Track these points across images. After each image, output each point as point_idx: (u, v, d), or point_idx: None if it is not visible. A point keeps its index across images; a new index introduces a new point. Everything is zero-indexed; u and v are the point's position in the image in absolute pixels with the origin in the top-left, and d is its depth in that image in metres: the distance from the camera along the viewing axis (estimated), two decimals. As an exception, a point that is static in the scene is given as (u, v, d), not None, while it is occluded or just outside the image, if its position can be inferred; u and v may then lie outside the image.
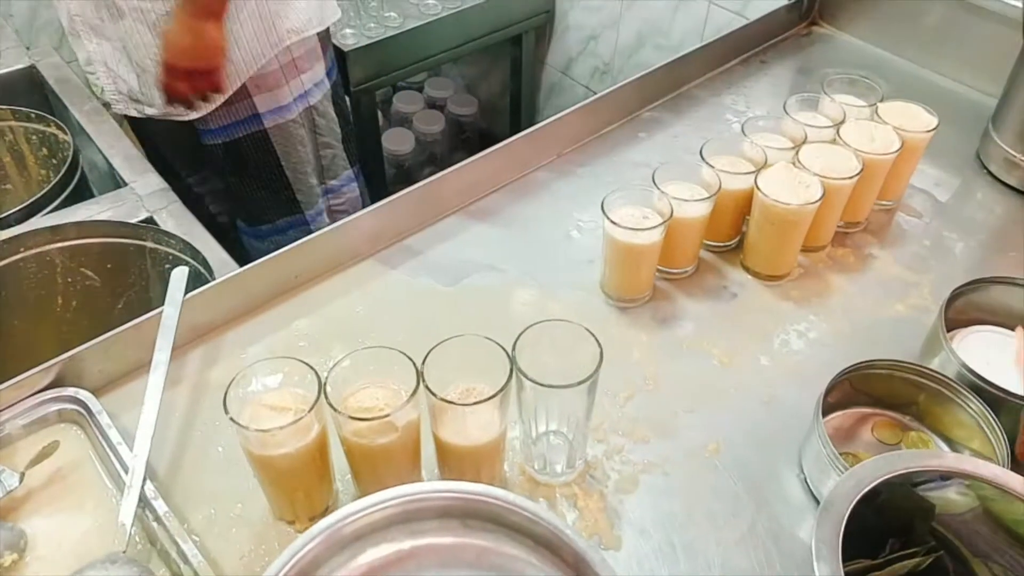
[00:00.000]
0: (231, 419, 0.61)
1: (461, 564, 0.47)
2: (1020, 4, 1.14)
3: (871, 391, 0.80)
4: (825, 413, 0.77)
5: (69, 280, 1.16)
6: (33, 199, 1.16)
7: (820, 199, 0.88)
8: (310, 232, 1.47)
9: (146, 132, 1.39)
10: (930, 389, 0.78)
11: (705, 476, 0.77)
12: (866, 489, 0.57)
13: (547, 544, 0.47)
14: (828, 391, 0.76)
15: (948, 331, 0.81)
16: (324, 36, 1.38)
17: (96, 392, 0.78)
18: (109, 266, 1.16)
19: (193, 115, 1.28)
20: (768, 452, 0.79)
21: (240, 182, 1.40)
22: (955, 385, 0.76)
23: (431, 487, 0.47)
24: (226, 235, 1.37)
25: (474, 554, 0.47)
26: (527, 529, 0.47)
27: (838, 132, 0.96)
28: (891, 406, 0.81)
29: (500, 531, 0.47)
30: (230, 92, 1.25)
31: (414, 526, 0.47)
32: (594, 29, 2.00)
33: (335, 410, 0.62)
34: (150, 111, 1.28)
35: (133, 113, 1.30)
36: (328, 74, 1.41)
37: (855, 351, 0.79)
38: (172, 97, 1.22)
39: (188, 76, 1.20)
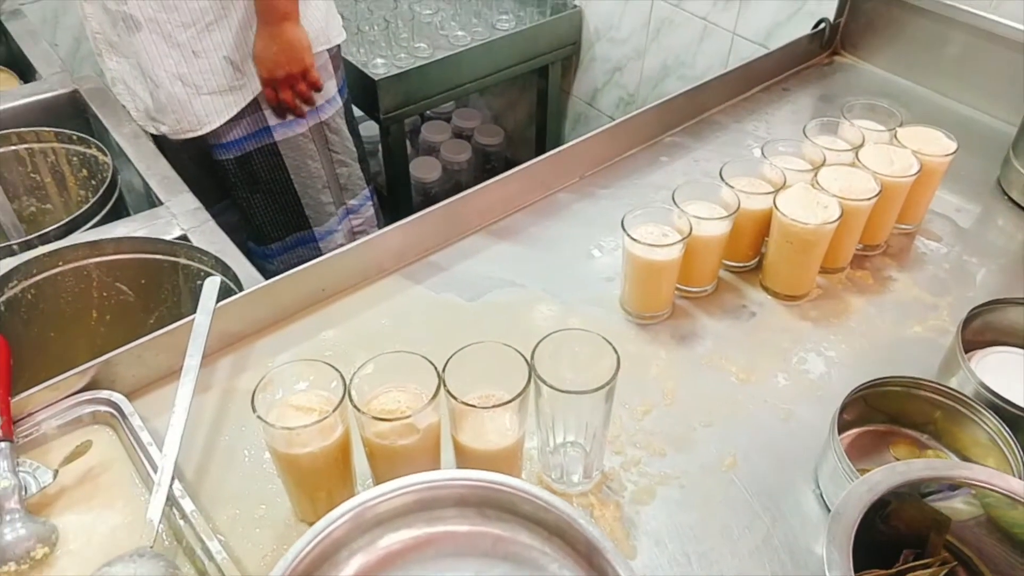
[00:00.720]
0: (258, 417, 0.64)
1: (477, 551, 0.48)
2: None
3: (888, 409, 0.81)
4: (842, 430, 0.77)
5: (104, 294, 1.20)
6: (72, 217, 1.20)
7: (838, 219, 0.89)
8: (319, 248, 1.51)
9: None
10: (947, 407, 0.78)
11: (721, 489, 0.77)
12: (879, 495, 0.57)
13: (560, 534, 0.48)
14: (844, 407, 0.76)
15: (966, 352, 0.81)
16: (335, 55, 1.43)
17: (129, 396, 0.81)
18: (143, 281, 1.19)
19: (201, 132, 1.33)
20: (785, 467, 0.79)
21: (251, 197, 1.44)
22: (972, 403, 0.76)
23: (449, 474, 0.49)
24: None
25: (490, 542, 0.48)
26: (541, 518, 0.48)
27: (857, 155, 0.98)
28: (908, 424, 0.81)
29: (515, 520, 0.49)
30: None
31: (433, 513, 0.49)
32: (619, 61, 2.03)
33: (359, 411, 0.64)
34: (164, 129, 1.34)
35: (151, 130, 1.35)
36: (340, 91, 1.46)
37: (873, 370, 0.80)
38: (281, 110, 1.29)
39: (287, 83, 1.26)
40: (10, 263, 1.09)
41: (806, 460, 0.79)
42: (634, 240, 0.87)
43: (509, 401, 0.65)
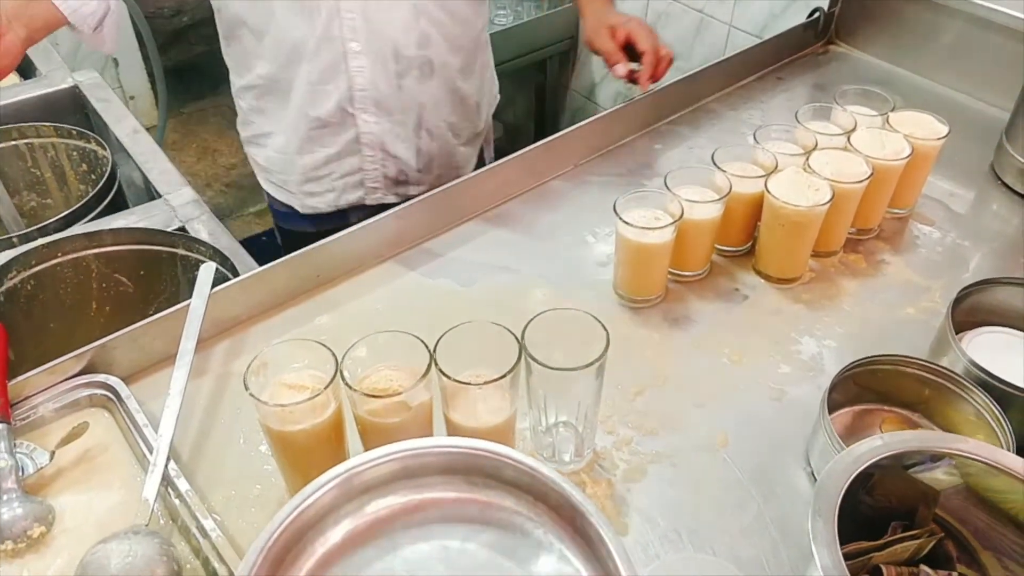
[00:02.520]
0: (251, 394, 0.64)
1: (464, 518, 0.49)
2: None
3: (878, 388, 0.81)
4: (833, 409, 0.78)
5: (104, 285, 1.20)
6: (72, 210, 1.21)
7: (829, 202, 0.89)
8: None
9: None
10: (937, 385, 0.78)
11: (713, 468, 0.78)
12: (864, 465, 0.58)
13: (545, 499, 0.49)
14: (834, 385, 0.77)
15: (956, 333, 0.81)
16: None
17: (125, 380, 0.82)
18: (142, 272, 1.20)
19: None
20: (776, 447, 0.80)
21: None
22: (962, 380, 0.76)
23: (434, 441, 0.50)
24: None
25: (476, 509, 0.49)
26: (527, 484, 0.49)
27: (849, 139, 0.98)
28: (898, 403, 0.82)
29: (501, 487, 0.49)
30: None
31: (419, 481, 0.50)
32: (617, 54, 2.04)
33: (351, 388, 0.65)
34: (414, 190, 1.22)
35: (393, 199, 1.22)
36: None
37: (864, 351, 0.80)
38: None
39: None
40: (10, 255, 1.10)
41: (798, 440, 0.80)
42: (626, 223, 0.87)
43: (500, 377, 0.66)
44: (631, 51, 1.16)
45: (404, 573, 0.46)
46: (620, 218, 0.87)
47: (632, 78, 1.16)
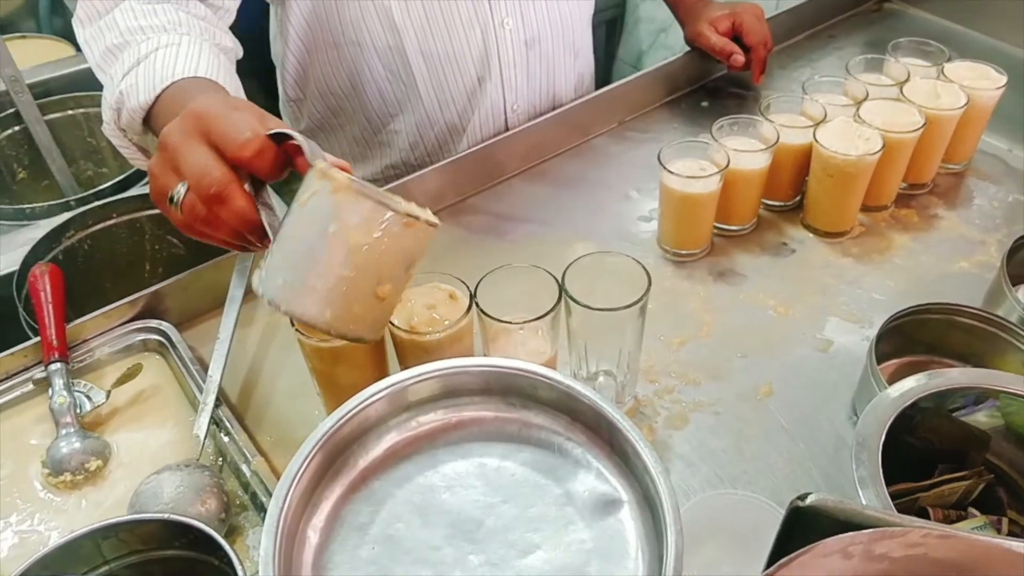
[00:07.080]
0: (296, 330, 0.65)
1: (503, 436, 0.49)
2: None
3: (927, 339, 0.79)
4: (880, 360, 0.76)
5: (156, 247, 1.23)
6: (126, 174, 1.24)
7: (879, 151, 0.87)
8: None
9: None
10: (989, 335, 0.76)
11: (756, 417, 0.77)
12: (910, 401, 0.57)
13: (582, 419, 0.49)
14: (882, 333, 0.75)
15: (1012, 286, 0.79)
16: None
17: (177, 327, 0.84)
18: (194, 234, 1.23)
19: None
20: (822, 397, 0.79)
21: None
22: (1016, 330, 0.74)
23: (471, 360, 0.50)
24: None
25: (515, 428, 0.49)
26: (564, 404, 0.49)
27: (901, 90, 0.96)
28: (948, 355, 0.80)
29: (539, 407, 0.50)
30: None
31: (459, 400, 0.50)
32: (664, 21, 2.01)
33: (393, 325, 0.66)
34: None
35: None
36: None
37: (915, 304, 0.78)
38: None
39: None
40: (67, 216, 1.14)
41: (845, 390, 0.79)
42: (671, 173, 0.86)
43: (540, 316, 0.66)
44: (737, 40, 1.16)
45: (443, 487, 0.47)
46: (665, 168, 0.86)
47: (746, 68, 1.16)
